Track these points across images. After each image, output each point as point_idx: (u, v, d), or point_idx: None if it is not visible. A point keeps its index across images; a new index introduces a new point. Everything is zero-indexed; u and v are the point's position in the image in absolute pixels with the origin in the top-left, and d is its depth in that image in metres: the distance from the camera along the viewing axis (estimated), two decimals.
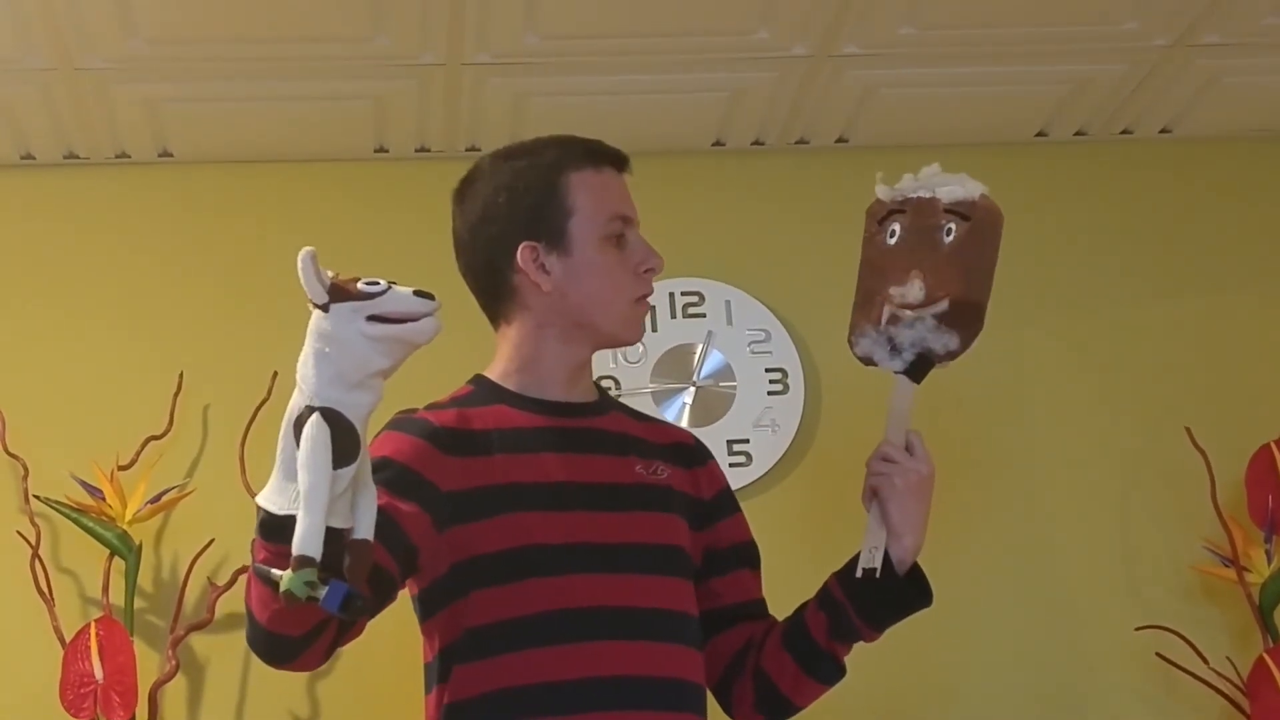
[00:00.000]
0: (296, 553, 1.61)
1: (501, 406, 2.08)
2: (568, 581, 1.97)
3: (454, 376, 3.00)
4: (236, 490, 3.00)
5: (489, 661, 1.96)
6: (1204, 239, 3.41)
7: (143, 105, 3.08)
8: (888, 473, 2.06)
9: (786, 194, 3.39)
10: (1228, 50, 3.07)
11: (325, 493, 1.63)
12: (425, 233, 3.27)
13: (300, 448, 1.66)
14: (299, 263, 1.65)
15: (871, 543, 2.05)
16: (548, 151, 2.14)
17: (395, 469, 1.97)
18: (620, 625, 1.97)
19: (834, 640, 2.06)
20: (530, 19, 2.85)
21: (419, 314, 1.67)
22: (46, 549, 3.03)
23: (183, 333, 3.19)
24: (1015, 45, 3.03)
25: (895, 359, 2.11)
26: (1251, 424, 3.19)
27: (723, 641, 2.12)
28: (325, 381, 1.66)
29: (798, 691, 2.09)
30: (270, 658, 1.84)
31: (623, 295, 2.09)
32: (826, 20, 2.90)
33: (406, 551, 1.94)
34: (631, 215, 2.10)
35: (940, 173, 2.12)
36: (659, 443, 2.14)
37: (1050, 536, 3.22)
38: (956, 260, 2.06)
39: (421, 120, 3.19)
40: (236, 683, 3.04)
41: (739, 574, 2.15)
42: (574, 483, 2.02)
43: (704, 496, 2.14)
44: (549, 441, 2.05)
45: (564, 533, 1.99)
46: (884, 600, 2.04)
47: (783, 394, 3.25)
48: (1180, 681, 3.06)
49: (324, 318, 1.66)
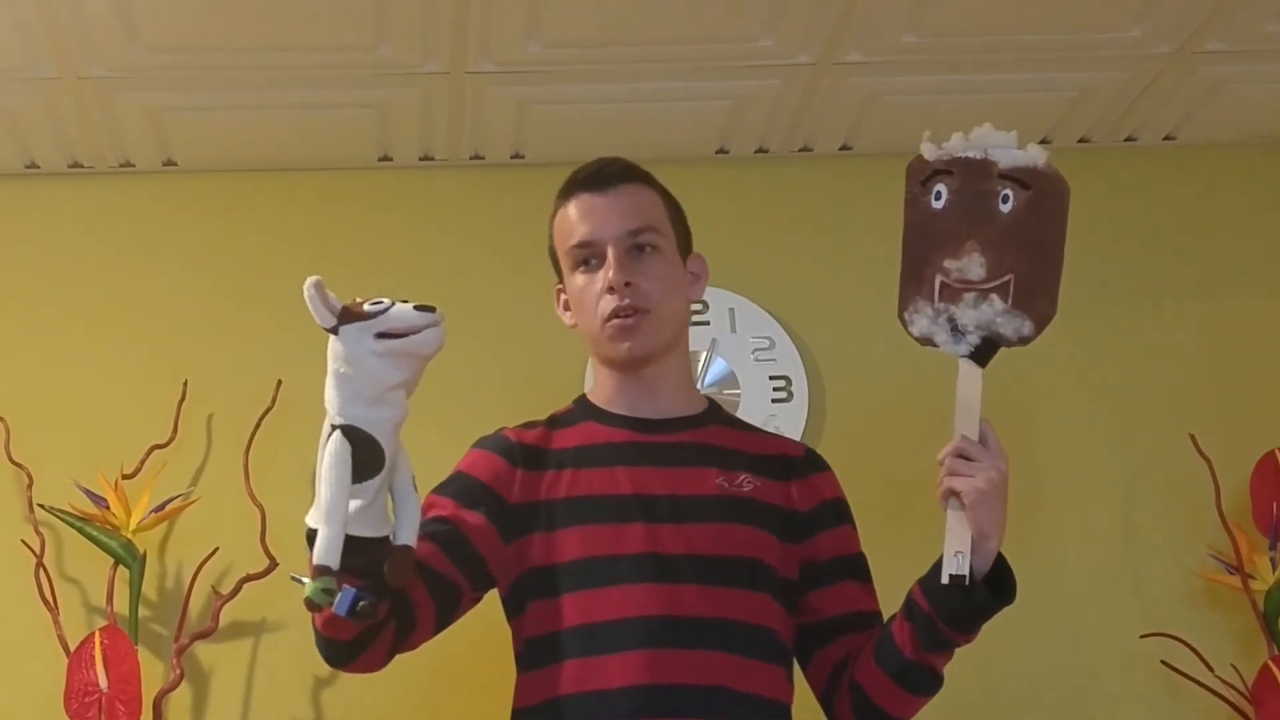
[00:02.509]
0: (315, 562, 1.74)
1: (591, 423, 2.15)
2: (609, 593, 2.00)
3: (461, 378, 3.03)
4: (241, 499, 3.00)
5: (541, 671, 2.03)
6: (1208, 246, 3.40)
7: (147, 114, 3.08)
8: (969, 473, 1.93)
9: (790, 201, 3.39)
10: (1231, 57, 3.07)
11: (343, 505, 1.75)
12: (429, 241, 3.31)
13: (321, 463, 1.77)
14: (305, 292, 1.74)
15: (956, 547, 1.92)
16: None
17: (465, 481, 2.09)
18: (665, 634, 1.98)
19: (924, 651, 2.00)
20: (533, 27, 2.85)
21: (421, 326, 1.77)
22: (51, 558, 3.03)
23: (187, 341, 3.19)
24: (1018, 53, 3.03)
25: (959, 342, 1.96)
26: (1256, 431, 3.19)
27: (824, 655, 2.12)
28: (345, 400, 1.77)
29: (893, 704, 2.06)
30: (329, 660, 1.96)
31: (593, 318, 2.12)
32: (830, 28, 2.90)
33: (471, 560, 2.03)
34: (595, 237, 2.11)
35: (994, 132, 1.96)
36: (756, 454, 2.15)
37: (1055, 543, 3.21)
38: (1019, 233, 1.91)
39: (425, 129, 3.20)
40: (241, 692, 3.04)
41: (842, 586, 2.12)
42: (640, 495, 2.06)
43: (799, 508, 2.12)
44: (624, 456, 2.09)
45: (617, 545, 2.02)
46: (972, 604, 1.95)
47: (787, 401, 3.25)
48: (1185, 689, 3.05)
49: (336, 340, 1.76)
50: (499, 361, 3.22)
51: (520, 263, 3.25)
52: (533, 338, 3.20)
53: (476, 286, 3.26)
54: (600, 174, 2.15)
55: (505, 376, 3.20)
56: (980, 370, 1.96)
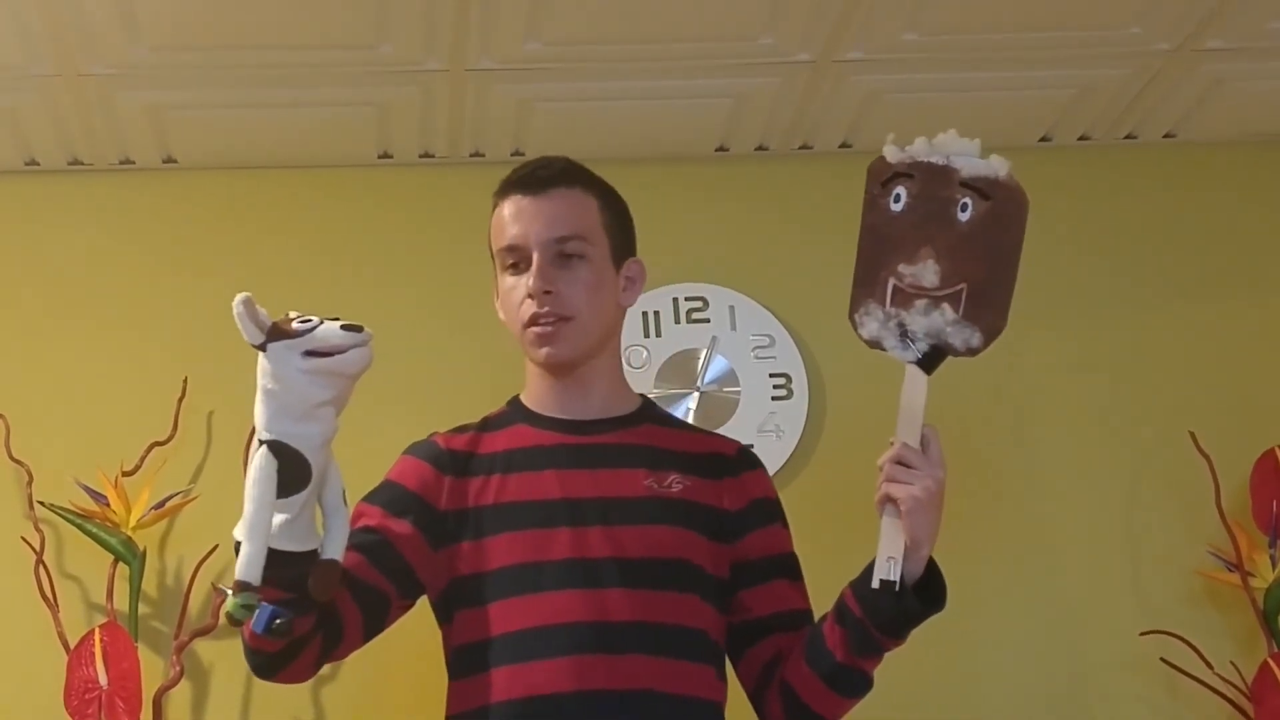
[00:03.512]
0: (236, 578, 1.75)
1: (521, 425, 2.14)
2: (537, 599, 1.99)
3: (459, 376, 3.03)
4: (240, 496, 2.98)
5: (470, 680, 2.02)
6: (1208, 244, 3.40)
7: (146, 111, 3.08)
8: (906, 480, 1.94)
9: (790, 199, 3.39)
10: (1232, 55, 3.07)
11: (266, 521, 1.77)
12: (429, 238, 3.31)
13: (247, 478, 1.79)
14: (234, 309, 1.76)
15: (888, 552, 1.94)
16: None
17: (394, 490, 2.09)
18: (592, 640, 1.98)
19: (854, 654, 2.01)
20: (533, 25, 2.85)
21: (346, 346, 1.78)
22: (51, 555, 3.03)
23: (187, 339, 3.19)
24: (1019, 50, 3.03)
25: (907, 348, 1.96)
26: (1256, 428, 3.19)
27: (754, 653, 2.12)
28: (272, 416, 1.79)
29: (823, 705, 2.06)
30: (256, 672, 1.98)
31: (514, 323, 2.13)
32: (830, 26, 2.90)
33: (398, 569, 2.03)
34: (522, 241, 2.10)
35: (957, 139, 1.94)
36: (688, 453, 2.14)
37: (1054, 541, 3.22)
38: (976, 243, 1.90)
39: (425, 126, 3.19)
40: (240, 689, 3.04)
41: (772, 586, 2.12)
42: (568, 499, 2.05)
43: (728, 508, 2.12)
44: (554, 459, 2.09)
45: (544, 551, 2.02)
46: (902, 610, 1.97)
47: (787, 399, 3.25)
48: (1185, 686, 3.06)
49: (264, 357, 1.79)
50: (497, 361, 3.20)
51: None
52: None
53: (476, 284, 3.23)
54: (534, 176, 2.13)
55: (503, 376, 3.18)
56: (926, 378, 1.96)
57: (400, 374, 3.01)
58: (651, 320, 3.26)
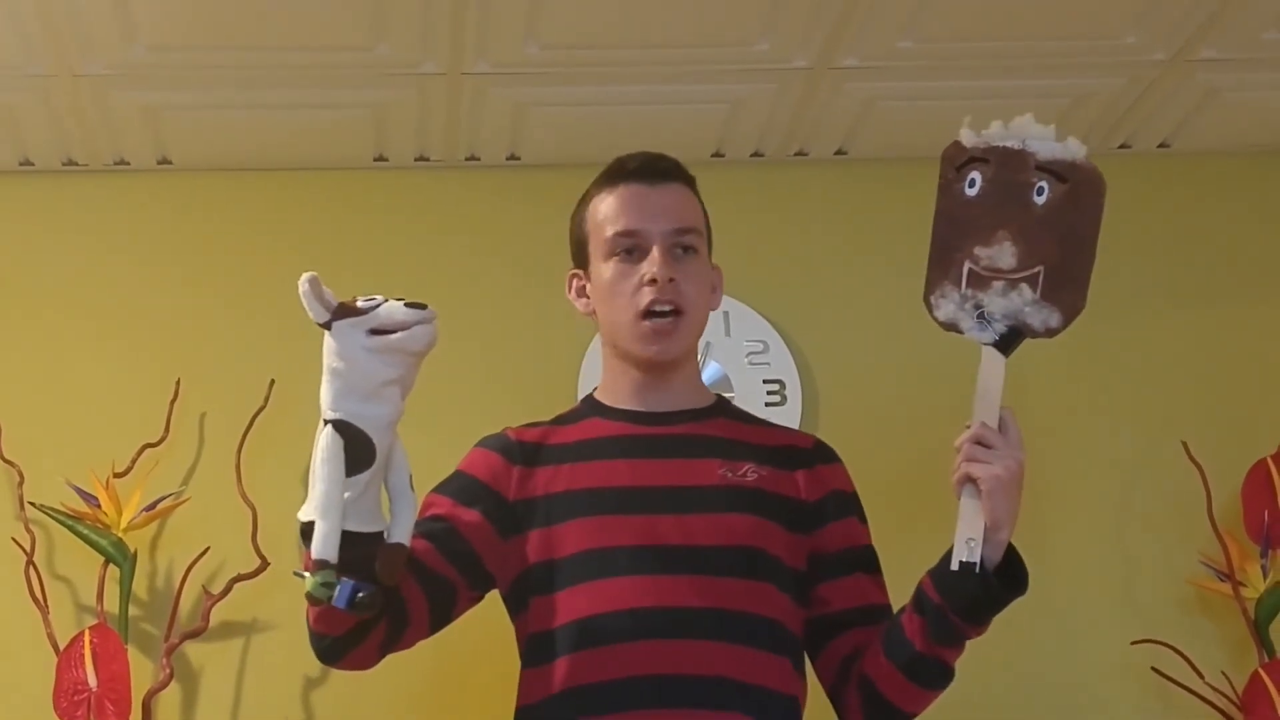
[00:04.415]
0: (314, 556, 1.75)
1: (594, 419, 2.15)
2: (609, 584, 1.99)
3: (456, 379, 3.03)
4: (232, 498, 2.99)
5: (543, 667, 2.02)
6: (1201, 253, 3.41)
7: (142, 112, 3.08)
8: (987, 460, 1.90)
9: (785, 206, 3.39)
10: (1226, 65, 3.07)
11: (339, 500, 1.77)
12: (425, 241, 3.30)
13: (315, 458, 1.79)
14: (300, 287, 1.77)
15: (968, 534, 1.90)
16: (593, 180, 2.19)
17: (463, 480, 2.11)
18: (665, 625, 1.97)
19: (934, 644, 1.98)
20: (531, 29, 2.85)
21: (411, 323, 1.80)
22: (41, 556, 3.02)
23: (180, 340, 3.19)
24: (1014, 59, 3.04)
25: (985, 329, 1.94)
26: (1248, 438, 3.19)
27: (834, 647, 2.10)
28: (338, 395, 1.79)
29: (903, 698, 2.04)
30: (320, 656, 1.97)
31: (623, 311, 2.10)
32: (826, 33, 2.90)
33: (466, 557, 2.04)
34: (642, 227, 2.09)
35: (1034, 123, 1.96)
36: (762, 445, 2.14)
37: (1046, 549, 3.21)
38: (1052, 225, 1.91)
39: (421, 129, 3.19)
40: (231, 692, 3.03)
41: (851, 579, 2.11)
42: (639, 487, 2.05)
43: (806, 499, 2.11)
44: (625, 448, 2.09)
45: (616, 537, 2.02)
46: (982, 594, 1.93)
47: (780, 405, 3.25)
48: (1176, 696, 3.05)
49: (329, 336, 1.79)
50: (494, 363, 3.22)
51: (516, 264, 3.25)
52: (528, 339, 3.20)
53: (472, 287, 3.25)
54: (654, 167, 2.14)
55: (501, 377, 3.20)
56: (1004, 359, 1.94)
57: None
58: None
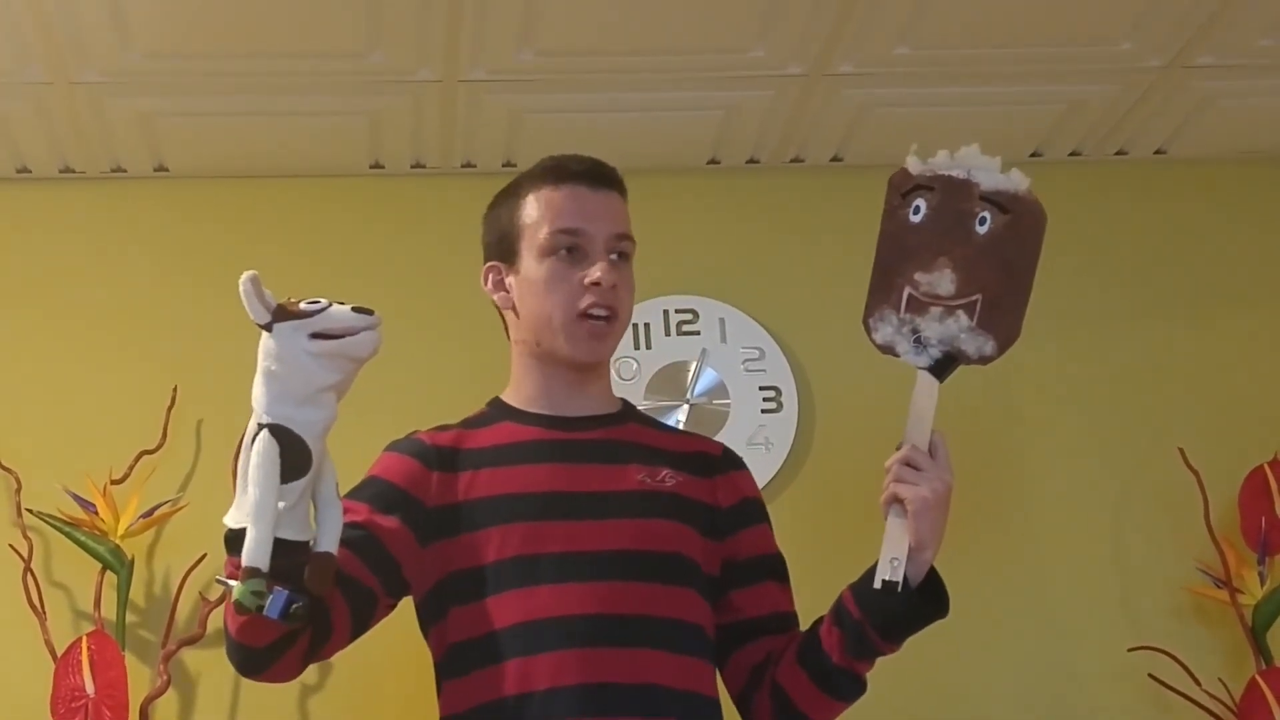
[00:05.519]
0: (245, 564, 1.70)
1: (506, 423, 2.11)
2: (536, 592, 1.97)
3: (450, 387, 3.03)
4: (229, 505, 2.99)
5: (468, 677, 1.98)
6: (1197, 260, 3.41)
7: (138, 119, 3.08)
8: (915, 481, 1.94)
9: (781, 212, 3.39)
10: (1222, 72, 3.08)
11: (272, 506, 1.72)
12: (420, 248, 3.31)
13: (249, 463, 1.73)
14: (241, 286, 1.74)
15: (892, 553, 1.93)
16: (522, 174, 2.17)
17: (380, 486, 2.04)
18: (594, 633, 1.96)
19: (850, 657, 1.99)
20: (526, 36, 2.86)
21: (358, 329, 1.75)
22: (38, 563, 3.03)
23: (177, 347, 3.19)
24: (1010, 66, 3.04)
25: (920, 354, 1.98)
26: (1245, 445, 3.19)
27: (744, 655, 2.10)
28: (273, 399, 1.75)
29: (815, 708, 2.05)
30: (241, 669, 1.91)
31: (560, 310, 2.07)
32: (822, 39, 2.90)
33: (386, 566, 1.98)
34: (586, 228, 2.08)
35: (979, 154, 1.98)
36: (677, 451, 2.13)
37: (1043, 556, 3.22)
38: (993, 255, 1.93)
39: (417, 136, 3.20)
40: (228, 698, 3.03)
41: (762, 587, 2.11)
42: (559, 492, 2.03)
43: (720, 505, 2.11)
44: (542, 453, 2.06)
45: (539, 544, 1.99)
46: (902, 613, 1.96)
47: (776, 412, 3.25)
48: (1172, 703, 3.05)
49: (269, 337, 1.74)
50: (490, 370, 3.21)
51: None
52: None
53: (467, 294, 3.23)
54: (598, 171, 2.13)
55: (498, 385, 3.19)
56: (937, 384, 1.97)
57: (389, 383, 3.00)
58: (641, 332, 3.26)
